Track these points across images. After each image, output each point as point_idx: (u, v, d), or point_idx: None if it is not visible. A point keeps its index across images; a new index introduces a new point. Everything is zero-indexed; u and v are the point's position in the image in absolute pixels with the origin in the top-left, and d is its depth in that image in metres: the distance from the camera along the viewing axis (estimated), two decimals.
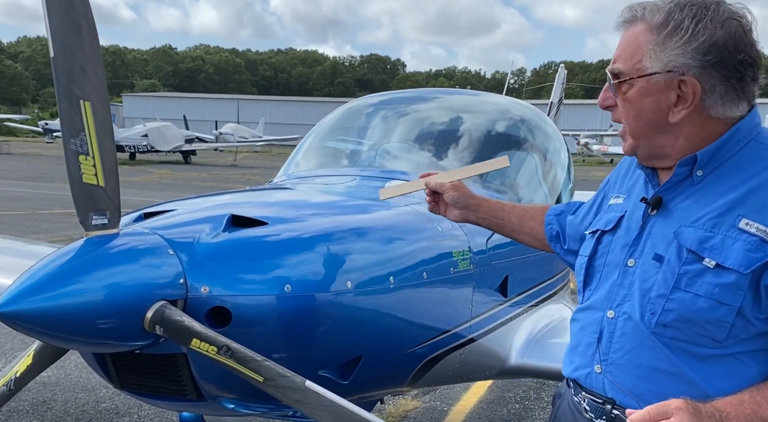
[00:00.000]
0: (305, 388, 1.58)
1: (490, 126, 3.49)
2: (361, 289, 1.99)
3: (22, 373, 1.81)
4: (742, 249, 1.33)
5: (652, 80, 1.41)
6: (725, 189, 1.40)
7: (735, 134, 1.43)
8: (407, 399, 4.73)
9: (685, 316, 1.37)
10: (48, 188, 18.37)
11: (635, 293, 1.45)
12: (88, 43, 1.60)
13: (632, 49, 1.43)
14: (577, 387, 1.60)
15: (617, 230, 1.57)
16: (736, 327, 1.35)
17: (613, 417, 1.49)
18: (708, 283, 1.35)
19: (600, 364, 1.51)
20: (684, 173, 1.46)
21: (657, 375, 1.42)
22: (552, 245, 1.96)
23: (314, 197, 2.58)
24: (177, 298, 1.69)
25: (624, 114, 1.48)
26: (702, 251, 1.37)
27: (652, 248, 1.45)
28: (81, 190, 1.62)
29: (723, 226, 1.37)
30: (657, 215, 1.48)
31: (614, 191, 1.69)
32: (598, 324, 1.52)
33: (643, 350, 1.43)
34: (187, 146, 36.15)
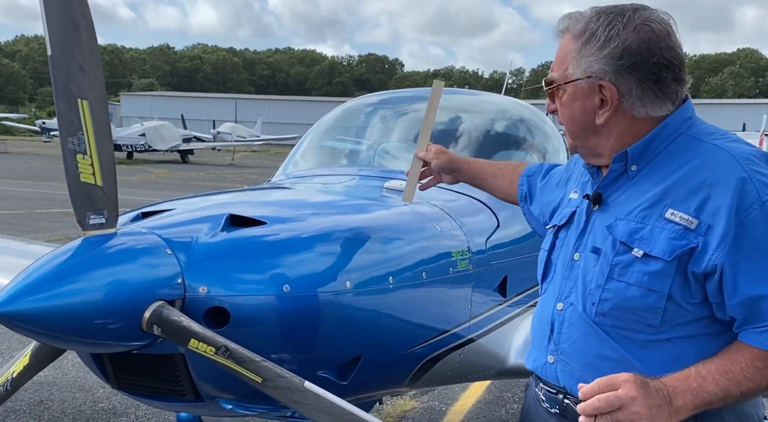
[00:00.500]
0: (304, 389, 1.57)
1: (490, 126, 3.49)
2: (361, 289, 1.98)
3: (19, 373, 1.80)
4: (667, 238, 1.41)
5: (577, 86, 1.52)
6: (655, 182, 1.48)
7: (663, 129, 1.51)
8: (405, 399, 4.72)
9: (619, 304, 1.45)
10: (45, 187, 18.32)
11: (579, 285, 1.54)
12: (86, 41, 1.59)
13: (561, 58, 1.56)
14: (537, 379, 1.68)
15: (570, 225, 1.66)
16: (669, 313, 1.43)
17: (565, 406, 1.57)
18: (637, 272, 1.43)
19: (552, 355, 1.59)
20: (619, 169, 1.54)
21: (603, 362, 1.48)
22: (521, 204, 2.07)
23: (313, 196, 2.57)
24: (175, 298, 1.68)
25: (561, 118, 1.60)
26: (632, 241, 1.45)
27: (592, 242, 1.54)
28: (78, 189, 1.61)
29: (652, 217, 1.45)
30: (598, 210, 1.57)
31: (574, 184, 1.77)
32: (549, 316, 1.61)
33: (589, 339, 1.51)
34: (185, 145, 36.06)
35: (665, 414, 1.30)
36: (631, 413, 1.26)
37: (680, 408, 1.32)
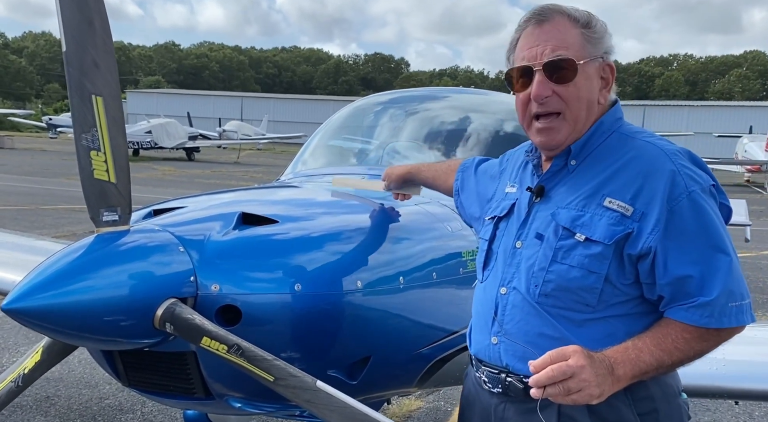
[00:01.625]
0: (316, 388, 1.57)
1: (499, 126, 3.47)
2: (371, 289, 1.97)
3: (30, 369, 1.80)
4: (606, 224, 1.54)
5: (592, 64, 1.62)
6: (593, 174, 1.61)
7: (600, 127, 1.66)
8: (411, 399, 4.72)
9: (562, 285, 1.57)
10: (51, 184, 18.38)
11: (522, 270, 1.65)
12: (100, 37, 1.59)
13: (560, 39, 1.60)
14: (477, 362, 1.76)
15: (510, 216, 1.76)
16: (605, 293, 1.55)
17: (507, 385, 1.65)
18: (579, 254, 1.55)
19: (496, 336, 1.68)
20: (561, 164, 1.67)
21: (543, 340, 1.58)
22: (454, 198, 2.19)
23: (323, 195, 2.57)
24: (187, 296, 1.68)
25: (567, 100, 1.61)
26: (574, 227, 1.57)
27: (536, 230, 1.65)
28: (92, 186, 1.61)
29: (591, 205, 1.57)
30: (540, 202, 1.68)
31: (510, 178, 1.87)
32: (493, 301, 1.70)
33: (531, 318, 1.61)
34: (191, 142, 36.10)
35: (609, 381, 1.41)
36: (580, 380, 1.36)
37: (621, 377, 1.44)
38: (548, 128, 1.63)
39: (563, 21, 1.61)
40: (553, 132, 1.63)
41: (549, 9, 1.63)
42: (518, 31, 1.69)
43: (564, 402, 1.38)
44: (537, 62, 1.60)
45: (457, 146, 3.28)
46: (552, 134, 1.63)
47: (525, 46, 1.64)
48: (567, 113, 1.62)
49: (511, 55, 1.71)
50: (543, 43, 1.60)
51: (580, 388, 1.36)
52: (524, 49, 1.64)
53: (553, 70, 1.59)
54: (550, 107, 1.62)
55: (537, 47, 1.61)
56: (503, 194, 1.85)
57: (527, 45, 1.63)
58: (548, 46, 1.60)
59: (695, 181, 1.54)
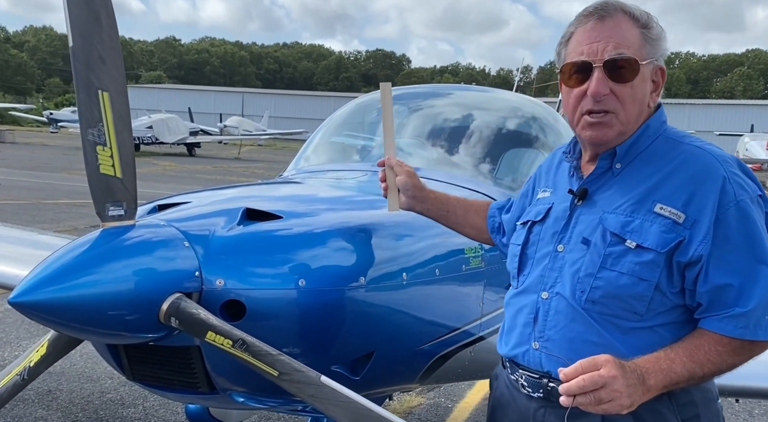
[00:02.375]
0: (320, 383, 1.58)
1: (502, 123, 3.47)
2: (375, 284, 1.98)
3: (36, 363, 1.81)
4: (658, 231, 1.51)
5: (648, 67, 1.60)
6: (641, 178, 1.58)
7: (646, 130, 1.63)
8: (412, 395, 4.73)
9: (610, 292, 1.54)
10: (52, 178, 18.39)
11: (565, 275, 1.61)
12: (107, 33, 1.59)
13: (622, 37, 1.57)
14: (514, 366, 1.73)
15: (546, 220, 1.72)
16: (654, 301, 1.53)
17: (549, 390, 1.62)
18: (630, 262, 1.52)
19: (537, 341, 1.64)
20: (605, 166, 1.64)
21: (588, 346, 1.55)
22: (493, 236, 2.11)
23: (327, 191, 2.57)
24: (192, 290, 1.69)
25: (623, 100, 1.58)
26: (624, 234, 1.53)
27: (580, 234, 1.62)
28: (98, 181, 1.61)
29: (641, 211, 1.54)
30: (582, 205, 1.65)
31: (541, 185, 1.86)
32: (533, 305, 1.66)
33: (575, 325, 1.58)
34: (192, 138, 36.13)
35: (639, 391, 1.40)
36: (612, 390, 1.35)
37: (652, 387, 1.42)
38: (600, 123, 1.59)
39: (625, 19, 1.58)
40: (605, 128, 1.59)
41: (611, 5, 1.59)
42: (575, 25, 1.64)
43: (594, 412, 1.37)
44: (597, 59, 1.56)
45: (459, 143, 3.28)
46: (604, 129, 1.59)
47: (584, 40, 1.59)
48: (621, 114, 1.58)
49: (563, 49, 1.66)
50: (605, 40, 1.56)
51: (611, 398, 1.35)
52: (583, 44, 1.59)
53: (614, 68, 1.56)
54: (605, 106, 1.58)
55: (598, 43, 1.57)
56: (536, 200, 1.83)
57: (587, 40, 1.58)
58: (610, 44, 1.56)
59: (744, 189, 1.52)
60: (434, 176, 2.90)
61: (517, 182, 3.26)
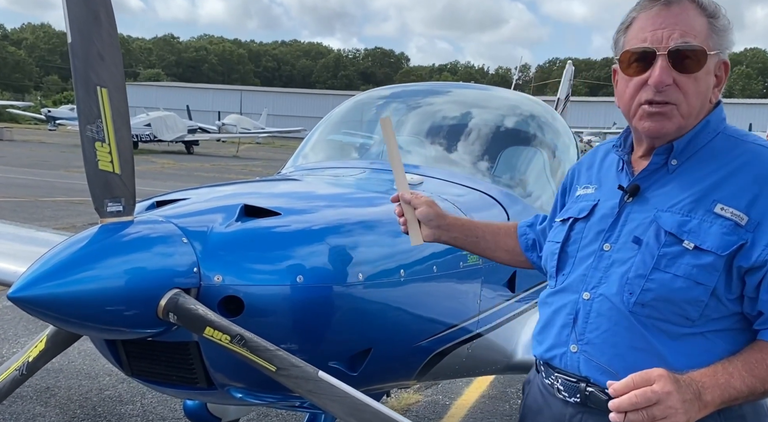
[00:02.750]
0: (318, 378, 1.58)
1: (500, 121, 3.49)
2: (372, 281, 1.99)
3: (34, 358, 1.82)
4: (718, 233, 1.42)
5: (713, 59, 1.50)
6: (699, 177, 1.50)
7: (706, 126, 1.54)
8: (409, 392, 4.74)
9: (663, 295, 1.44)
10: (50, 176, 18.36)
11: (612, 275, 1.52)
12: (106, 30, 1.60)
13: (688, 26, 1.47)
14: (548, 369, 1.65)
15: (591, 217, 1.63)
16: (709, 307, 1.44)
17: (587, 395, 1.54)
18: (687, 264, 1.43)
19: (576, 344, 1.56)
20: (660, 162, 1.55)
21: (631, 352, 1.48)
22: (528, 254, 1.99)
23: (325, 188, 2.58)
24: (190, 286, 1.69)
25: (685, 92, 1.48)
26: (681, 234, 1.44)
27: (631, 233, 1.52)
28: (96, 177, 1.62)
29: (699, 211, 1.45)
30: (633, 202, 1.56)
31: (581, 182, 1.76)
32: (573, 305, 1.58)
33: (619, 329, 1.49)
34: (190, 136, 36.11)
35: (695, 408, 1.32)
36: (666, 407, 1.27)
37: (709, 403, 1.34)
38: (661, 113, 1.49)
39: (692, 6, 1.48)
40: (665, 119, 1.50)
41: None
42: (637, 10, 1.54)
43: None
44: (662, 47, 1.46)
45: (458, 141, 3.29)
46: (663, 120, 1.50)
47: (648, 27, 1.50)
48: (682, 106, 1.49)
49: (622, 36, 1.57)
50: (671, 27, 1.47)
51: (665, 416, 1.27)
52: (646, 31, 1.49)
53: (679, 58, 1.46)
54: (666, 97, 1.48)
55: (663, 30, 1.47)
56: (576, 197, 1.73)
57: (651, 26, 1.49)
58: (676, 31, 1.46)
59: None
60: (433, 173, 2.92)
61: (515, 180, 3.28)
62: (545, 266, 1.76)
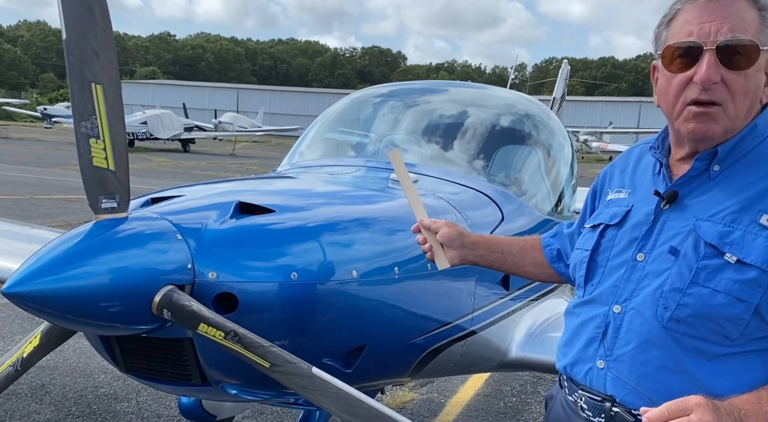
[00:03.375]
0: (311, 375, 1.59)
1: (496, 120, 3.50)
2: (367, 278, 1.99)
3: (29, 354, 1.82)
4: (764, 245, 1.32)
5: (765, 55, 1.38)
6: (744, 184, 1.39)
7: (753, 129, 1.43)
8: (404, 390, 4.75)
9: (701, 311, 1.35)
10: (46, 174, 18.33)
11: (646, 287, 1.43)
12: (100, 26, 1.60)
13: (738, 19, 1.36)
14: (572, 385, 1.57)
15: (623, 224, 1.53)
16: (750, 326, 1.34)
17: (613, 415, 1.45)
18: (728, 279, 1.33)
19: (604, 360, 1.47)
20: (701, 168, 1.44)
21: (663, 372, 1.39)
22: (555, 265, 1.92)
23: (321, 186, 2.58)
24: (185, 283, 1.70)
25: (733, 91, 1.38)
26: (723, 245, 1.35)
27: (667, 242, 1.42)
28: (91, 173, 1.62)
29: (743, 221, 1.35)
30: (670, 209, 1.46)
31: (613, 186, 1.66)
32: (602, 318, 1.49)
33: (650, 346, 1.40)
34: (186, 134, 36.03)
35: None
36: None
37: None
38: (707, 114, 1.38)
39: (741, 0, 1.37)
40: (711, 121, 1.39)
41: None
42: (682, 2, 1.43)
43: None
44: (710, 41, 1.35)
45: (454, 140, 3.30)
46: (710, 122, 1.39)
47: (694, 20, 1.38)
48: (729, 107, 1.38)
49: (665, 30, 1.46)
50: (719, 20, 1.36)
51: None
52: (692, 24, 1.38)
53: (728, 53, 1.35)
54: (714, 96, 1.37)
55: (711, 24, 1.36)
56: (607, 202, 1.63)
57: (697, 19, 1.38)
58: (725, 25, 1.35)
59: None
60: (428, 172, 2.92)
61: (510, 178, 3.29)
62: (573, 274, 1.67)
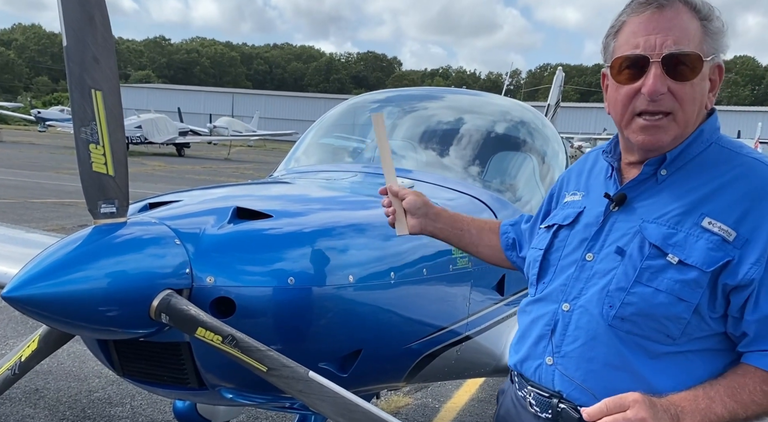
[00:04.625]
0: (308, 378, 1.60)
1: (492, 127, 3.52)
2: (363, 283, 2.01)
3: (27, 358, 1.83)
4: (704, 247, 1.36)
5: (708, 64, 1.44)
6: (689, 188, 1.44)
7: (699, 135, 1.48)
8: (399, 395, 4.76)
9: (643, 310, 1.39)
10: (40, 177, 18.26)
11: (593, 286, 1.47)
12: (101, 33, 1.61)
13: (682, 31, 1.41)
14: (522, 381, 1.61)
15: (575, 225, 1.59)
16: (691, 325, 1.39)
17: (559, 411, 1.50)
18: (669, 278, 1.38)
19: (552, 356, 1.52)
20: (650, 172, 1.50)
21: (608, 369, 1.43)
22: (508, 253, 1.98)
23: (317, 191, 2.60)
24: (182, 287, 1.71)
25: (681, 100, 1.42)
26: (666, 246, 1.39)
27: (614, 243, 1.47)
28: (91, 178, 1.63)
29: (686, 224, 1.40)
30: (619, 211, 1.51)
31: (570, 188, 1.72)
32: (551, 316, 1.54)
33: (596, 344, 1.45)
34: (181, 138, 35.98)
35: None
36: None
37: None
38: (656, 126, 1.43)
39: (685, 10, 1.42)
40: (660, 132, 1.44)
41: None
42: (627, 13, 1.47)
43: None
44: (656, 53, 1.40)
45: (450, 146, 3.32)
46: (659, 133, 1.44)
47: (640, 32, 1.43)
48: (679, 115, 1.43)
49: (612, 41, 1.50)
50: (664, 33, 1.40)
51: None
52: (638, 36, 1.43)
53: (674, 64, 1.39)
54: (662, 106, 1.42)
55: (657, 36, 1.40)
56: (563, 204, 1.70)
57: (643, 32, 1.42)
58: (670, 37, 1.40)
59: None
60: (424, 178, 2.95)
61: (505, 185, 3.31)
62: (527, 273, 1.72)
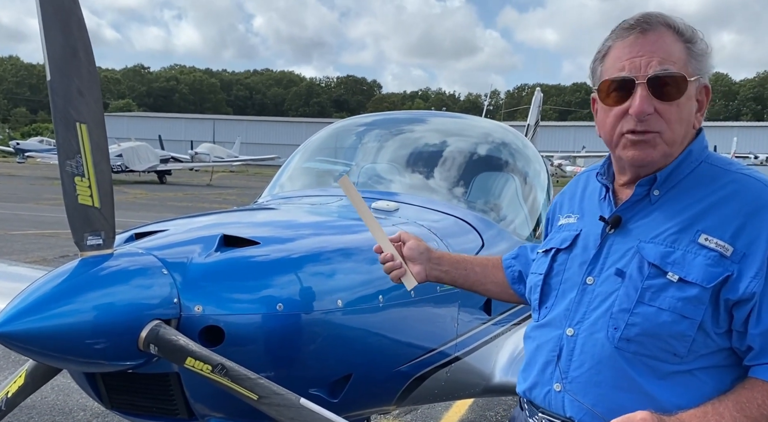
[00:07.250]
0: (300, 406, 1.60)
1: (474, 149, 3.57)
2: (352, 307, 2.02)
3: (13, 394, 1.80)
4: (703, 264, 1.38)
5: (694, 84, 1.48)
6: (682, 207, 1.47)
7: (688, 155, 1.51)
8: (389, 418, 4.72)
9: (648, 330, 1.40)
10: (20, 209, 18.04)
11: (596, 309, 1.48)
12: (85, 67, 1.62)
13: (667, 52, 1.45)
14: (532, 407, 1.60)
15: (573, 248, 1.60)
16: (696, 342, 1.39)
17: None
18: (671, 297, 1.39)
19: (560, 382, 1.51)
20: (642, 193, 1.52)
21: (616, 392, 1.43)
22: (515, 287, 1.97)
23: (303, 217, 2.61)
24: (171, 317, 1.71)
25: (668, 120, 1.45)
26: (665, 265, 1.41)
27: (613, 265, 1.49)
28: (76, 211, 1.63)
29: (683, 241, 1.42)
30: (615, 233, 1.52)
31: (564, 211, 1.73)
32: (556, 341, 1.54)
33: (603, 367, 1.45)
34: (163, 165, 35.87)
35: None
36: None
37: None
38: (644, 142, 1.46)
39: (669, 33, 1.46)
40: (649, 147, 1.46)
41: (654, 17, 1.47)
42: (613, 38, 1.51)
43: None
44: (641, 75, 1.44)
45: (434, 168, 3.36)
46: (647, 149, 1.46)
47: (625, 55, 1.47)
48: (666, 134, 1.46)
49: (599, 65, 1.55)
50: (648, 55, 1.44)
51: None
52: (624, 59, 1.47)
53: (659, 85, 1.43)
54: (649, 126, 1.45)
55: (641, 58, 1.44)
56: (558, 227, 1.71)
57: (628, 55, 1.46)
58: (654, 59, 1.44)
59: None
60: (409, 200, 2.97)
61: (489, 205, 3.35)
62: (529, 298, 1.73)
